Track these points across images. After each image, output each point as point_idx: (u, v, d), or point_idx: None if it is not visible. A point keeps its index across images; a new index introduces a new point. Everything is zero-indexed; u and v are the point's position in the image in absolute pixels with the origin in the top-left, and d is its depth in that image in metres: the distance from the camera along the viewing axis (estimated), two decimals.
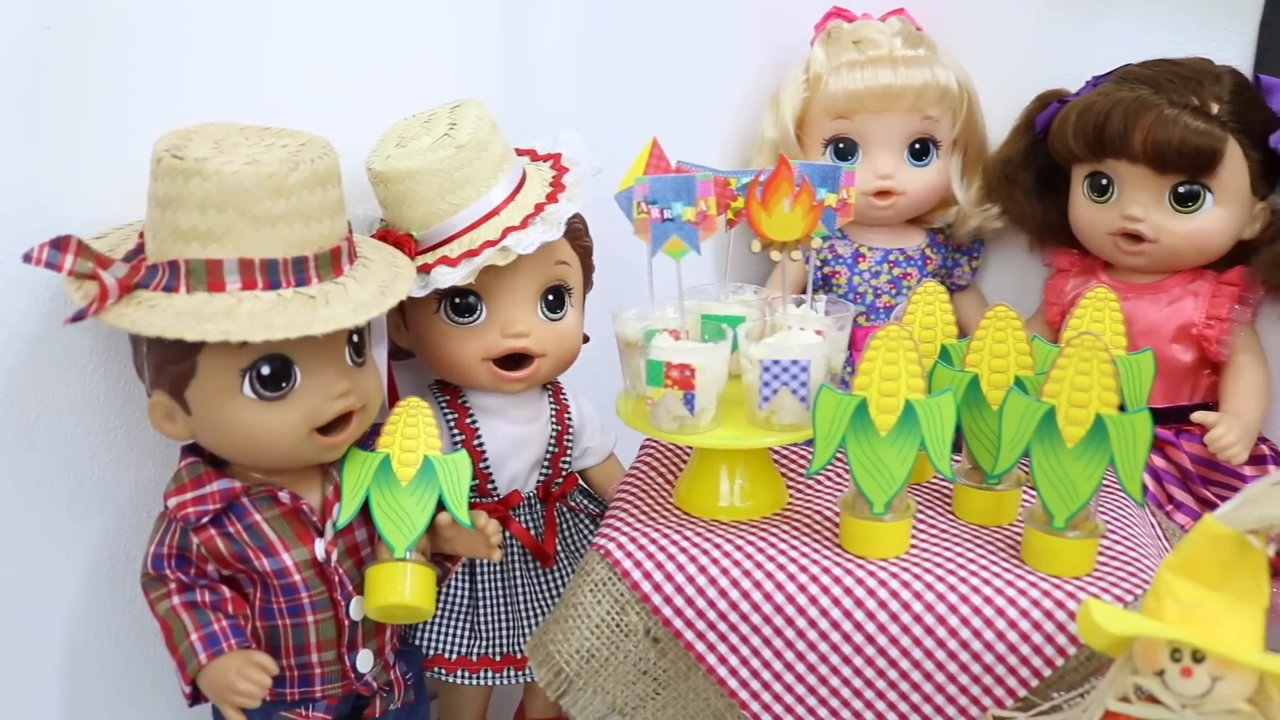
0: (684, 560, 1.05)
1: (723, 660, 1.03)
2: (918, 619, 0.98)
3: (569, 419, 1.30)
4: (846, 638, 1.00)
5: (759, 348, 1.04)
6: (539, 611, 1.28)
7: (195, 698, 1.04)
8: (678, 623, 1.04)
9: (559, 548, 1.30)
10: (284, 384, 0.99)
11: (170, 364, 0.98)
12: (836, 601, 1.00)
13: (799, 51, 1.61)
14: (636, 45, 1.55)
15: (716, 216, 1.03)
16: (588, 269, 1.28)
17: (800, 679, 1.01)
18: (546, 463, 1.28)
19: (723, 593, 1.02)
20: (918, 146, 1.56)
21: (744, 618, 1.02)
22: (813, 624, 1.00)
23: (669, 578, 1.04)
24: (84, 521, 1.14)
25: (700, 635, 1.03)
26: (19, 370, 1.06)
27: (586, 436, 1.33)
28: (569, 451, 1.30)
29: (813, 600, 1.00)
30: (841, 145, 1.57)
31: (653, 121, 1.45)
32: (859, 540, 1.04)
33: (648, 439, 1.31)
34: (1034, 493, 1.01)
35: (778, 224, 1.05)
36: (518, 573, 1.28)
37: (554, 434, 1.28)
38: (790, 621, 1.01)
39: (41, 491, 1.10)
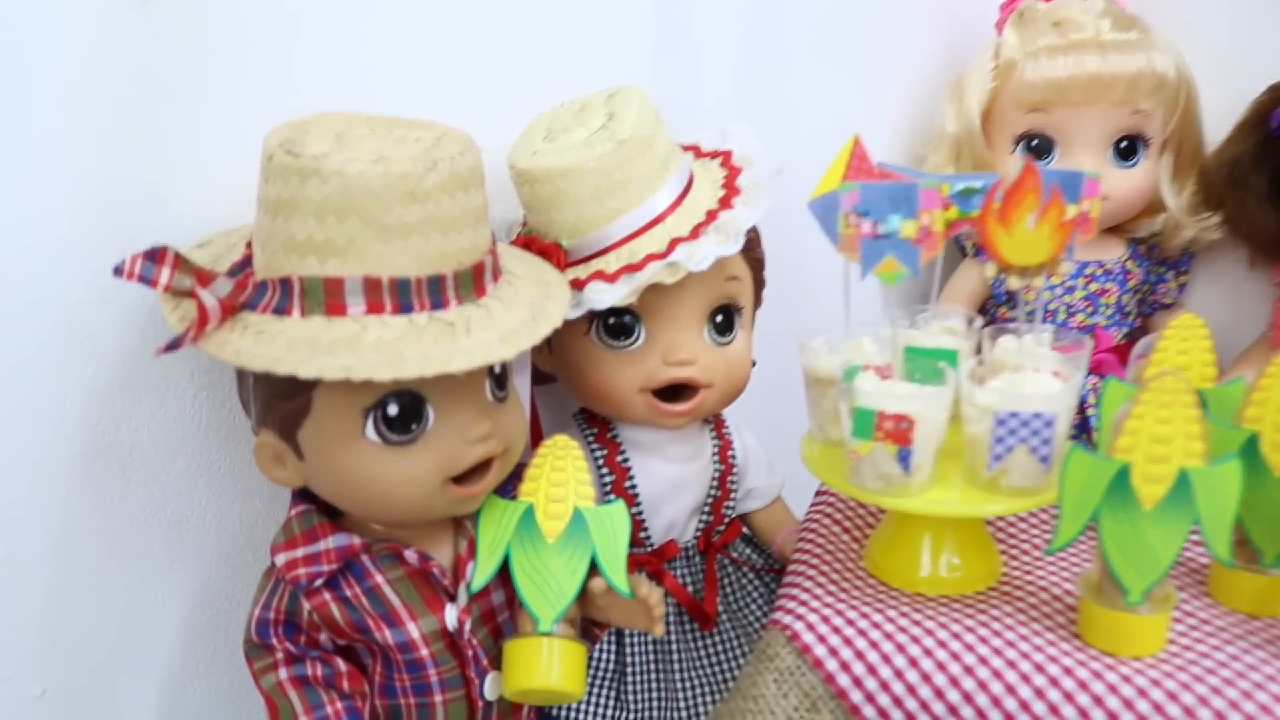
0: (890, 649, 0.86)
1: None
2: None
3: (733, 457, 1.12)
4: None
5: (991, 395, 0.85)
6: (696, 681, 1.10)
7: None
8: None
9: (720, 607, 1.12)
10: (414, 426, 0.83)
11: (280, 400, 0.83)
12: (1084, 714, 0.80)
13: (981, 35, 1.43)
14: (801, 25, 1.39)
15: (940, 233, 0.84)
16: (759, 284, 1.10)
17: None
18: (708, 508, 1.11)
19: (939, 693, 0.84)
20: (1124, 145, 1.36)
21: None
22: None
23: (872, 670, 0.86)
24: (182, 566, 1.00)
25: None
26: (112, 396, 0.92)
27: (751, 476, 1.15)
28: (732, 495, 1.12)
29: (1053, 710, 0.81)
30: (1035, 142, 1.37)
31: (817, 111, 1.30)
32: (1105, 633, 0.85)
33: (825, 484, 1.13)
34: None
35: (1019, 245, 0.85)
36: (672, 635, 1.10)
37: (716, 474, 1.11)
38: None
39: (135, 532, 0.97)
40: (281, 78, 0.95)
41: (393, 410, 0.81)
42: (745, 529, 1.18)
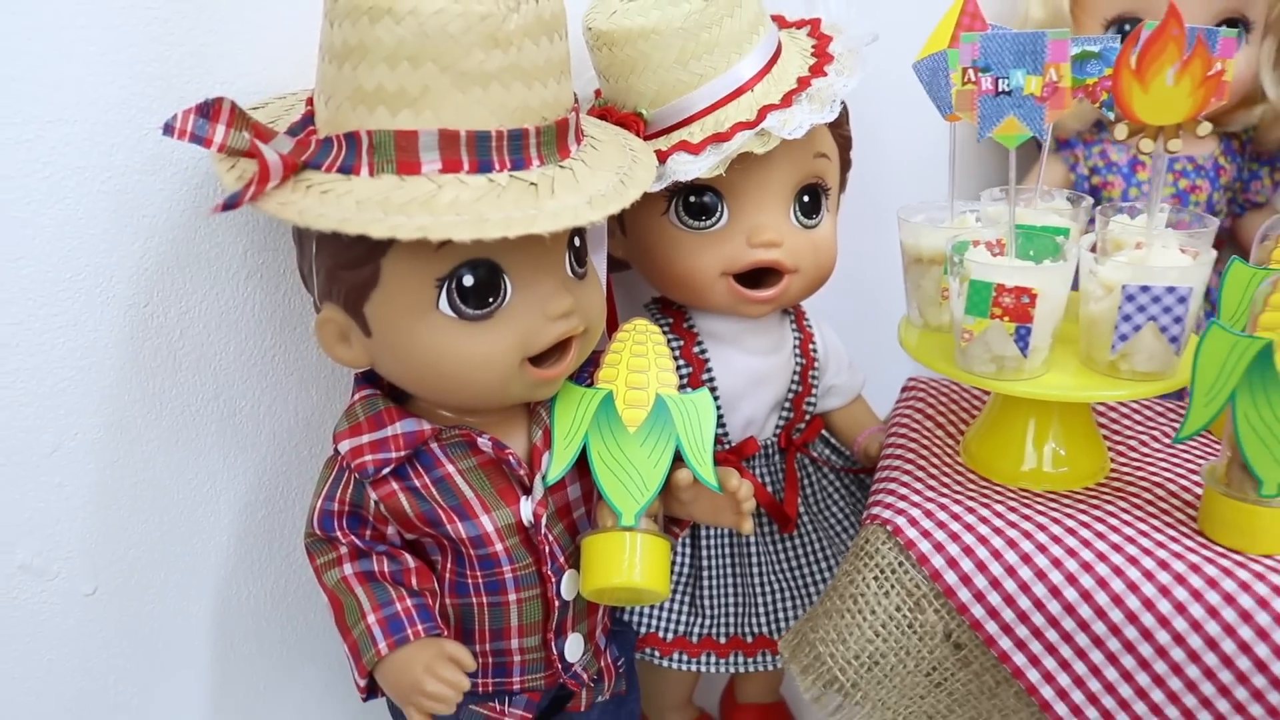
0: (999, 545, 0.80)
1: (1049, 678, 0.79)
2: None
3: (814, 350, 1.06)
4: (1227, 661, 0.74)
5: (1120, 270, 0.77)
6: (775, 586, 1.04)
7: (371, 691, 0.83)
8: (991, 626, 0.79)
9: (800, 508, 1.06)
10: (491, 299, 0.76)
11: (346, 270, 0.76)
12: (1214, 612, 0.74)
13: None
14: None
15: (1068, 90, 0.76)
16: (845, 165, 1.03)
17: (1157, 711, 0.76)
18: (788, 404, 1.04)
19: (1054, 591, 0.78)
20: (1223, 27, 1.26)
21: (1082, 625, 0.77)
22: (1179, 640, 0.75)
23: (981, 567, 0.79)
24: (236, 458, 0.95)
25: (1020, 644, 0.79)
26: (160, 274, 0.86)
27: (831, 373, 1.08)
28: (813, 390, 1.06)
29: (1179, 608, 0.75)
30: (1128, 28, 1.28)
31: None
32: (1232, 527, 0.79)
33: (913, 377, 1.06)
34: None
35: (1156, 102, 0.77)
36: (750, 537, 1.04)
37: (797, 368, 1.04)
38: (1148, 635, 0.76)
39: (187, 423, 0.91)
40: None
41: (468, 280, 0.75)
42: (824, 430, 1.11)
